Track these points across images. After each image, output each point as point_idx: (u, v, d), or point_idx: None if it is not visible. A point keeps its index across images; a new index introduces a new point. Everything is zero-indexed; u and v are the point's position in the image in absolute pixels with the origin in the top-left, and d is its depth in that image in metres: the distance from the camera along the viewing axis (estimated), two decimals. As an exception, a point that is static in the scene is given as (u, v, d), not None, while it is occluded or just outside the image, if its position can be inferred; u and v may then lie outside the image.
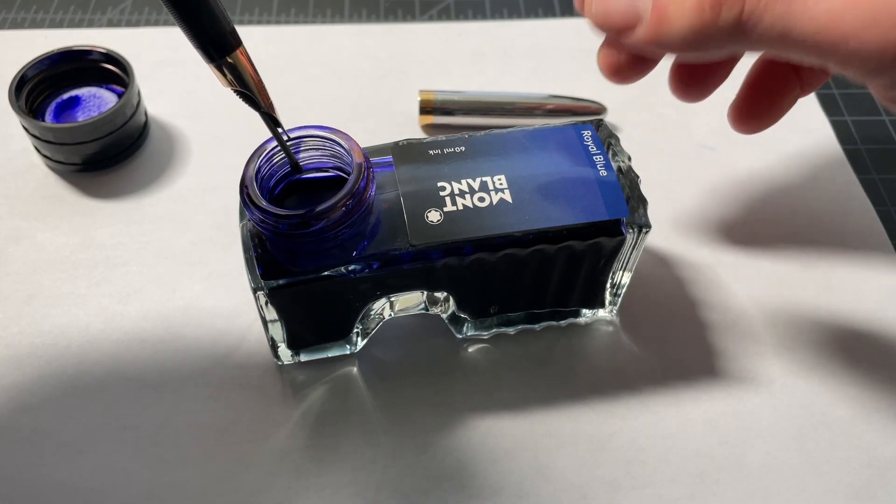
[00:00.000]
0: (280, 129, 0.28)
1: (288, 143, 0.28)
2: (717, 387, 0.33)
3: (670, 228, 0.38)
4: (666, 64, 0.46)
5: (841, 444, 0.32)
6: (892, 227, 0.39)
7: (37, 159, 0.40)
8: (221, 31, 0.24)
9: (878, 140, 0.44)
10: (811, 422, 0.33)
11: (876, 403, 0.33)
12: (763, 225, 0.39)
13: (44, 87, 0.40)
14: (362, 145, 0.29)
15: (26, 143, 0.41)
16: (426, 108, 0.42)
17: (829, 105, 0.45)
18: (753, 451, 0.32)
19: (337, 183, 0.29)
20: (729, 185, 0.41)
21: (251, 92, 0.26)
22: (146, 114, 0.41)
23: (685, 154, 0.42)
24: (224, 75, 0.25)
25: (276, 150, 0.28)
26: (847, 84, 0.47)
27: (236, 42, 0.25)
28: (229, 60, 0.25)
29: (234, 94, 0.26)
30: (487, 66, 0.46)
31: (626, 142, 0.35)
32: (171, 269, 0.36)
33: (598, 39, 0.27)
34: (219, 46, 0.25)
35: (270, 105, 0.27)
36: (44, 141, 0.38)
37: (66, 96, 0.40)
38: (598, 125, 0.32)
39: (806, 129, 0.43)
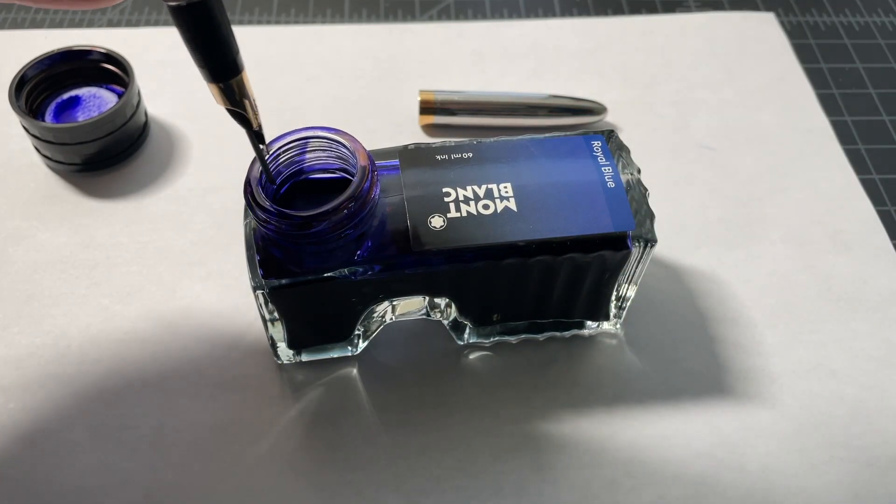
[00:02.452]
0: (262, 146, 0.28)
1: (294, 145, 0.29)
2: (717, 386, 0.33)
3: (670, 228, 0.38)
4: (665, 63, 0.47)
5: (841, 444, 0.32)
6: (892, 227, 0.39)
7: (37, 159, 0.40)
8: (230, 54, 0.25)
9: (878, 140, 0.44)
10: (811, 422, 0.33)
11: (876, 403, 0.33)
12: (763, 225, 0.39)
13: (44, 87, 0.40)
14: (364, 146, 0.29)
15: (26, 143, 0.41)
16: (426, 108, 0.42)
17: (829, 105, 0.45)
18: (753, 451, 0.32)
19: (343, 184, 0.29)
20: (729, 185, 0.41)
21: (247, 114, 0.26)
22: (146, 114, 0.41)
23: (685, 154, 0.42)
24: (224, 95, 0.26)
25: (281, 150, 0.29)
26: (847, 84, 0.47)
27: (240, 66, 0.25)
28: (231, 84, 0.25)
29: (227, 112, 0.26)
30: (487, 66, 0.46)
31: (626, 141, 0.35)
32: (171, 269, 0.36)
33: (598, 39, 0.27)
34: (225, 70, 0.25)
35: (260, 126, 0.27)
36: (44, 141, 0.38)
37: (66, 96, 0.40)
38: (609, 136, 0.32)
39: (806, 129, 0.43)
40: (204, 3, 0.23)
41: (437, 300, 0.31)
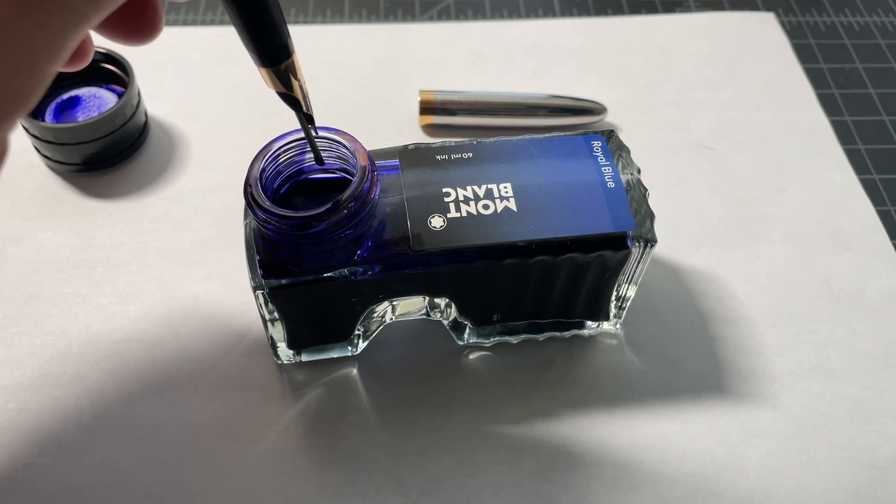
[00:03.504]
0: (311, 126, 0.28)
1: (294, 145, 0.29)
2: (717, 386, 0.33)
3: (670, 228, 0.38)
4: (665, 63, 0.47)
5: (841, 444, 0.32)
6: (892, 227, 0.39)
7: (37, 159, 0.40)
8: (282, 37, 0.25)
9: (878, 140, 0.44)
10: (811, 422, 0.33)
11: (876, 403, 0.33)
12: (763, 225, 0.39)
13: (44, 87, 0.40)
14: (364, 146, 0.29)
15: (26, 143, 0.41)
16: (426, 108, 0.42)
17: (829, 105, 0.45)
18: (753, 451, 0.32)
19: (343, 184, 0.29)
20: (729, 185, 0.41)
21: (298, 97, 0.27)
22: (146, 114, 0.41)
23: (685, 154, 0.42)
24: (276, 79, 0.26)
25: (281, 149, 0.29)
26: (847, 84, 0.47)
27: (291, 49, 0.26)
28: (283, 67, 0.26)
29: (278, 96, 0.27)
30: (487, 66, 0.46)
31: (626, 141, 0.35)
32: (171, 269, 0.36)
33: (598, 39, 0.27)
34: (277, 54, 0.25)
35: (310, 107, 0.28)
36: (44, 141, 0.38)
37: (66, 96, 0.40)
38: (609, 136, 0.32)
39: (806, 129, 0.43)
40: None
41: (437, 300, 0.31)
